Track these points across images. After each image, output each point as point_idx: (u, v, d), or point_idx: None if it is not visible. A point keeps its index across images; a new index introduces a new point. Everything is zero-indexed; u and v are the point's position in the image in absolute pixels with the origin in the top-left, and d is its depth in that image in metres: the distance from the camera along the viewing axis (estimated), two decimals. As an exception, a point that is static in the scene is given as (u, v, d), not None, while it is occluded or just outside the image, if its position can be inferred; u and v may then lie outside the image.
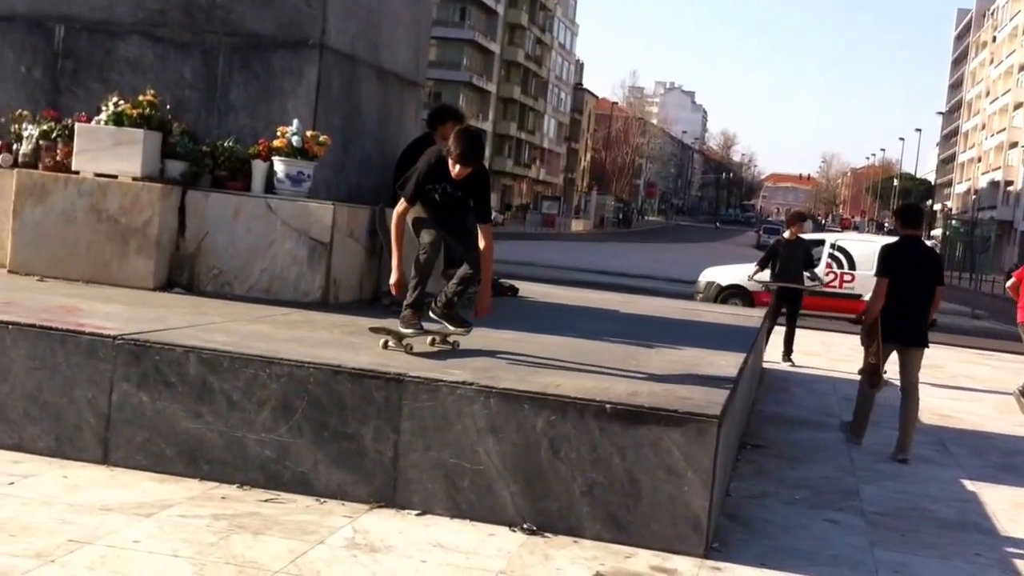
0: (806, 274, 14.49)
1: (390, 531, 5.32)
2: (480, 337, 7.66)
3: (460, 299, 7.04)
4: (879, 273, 8.84)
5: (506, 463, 5.62)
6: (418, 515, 5.60)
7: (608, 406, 5.58)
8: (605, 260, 36.67)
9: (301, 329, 6.91)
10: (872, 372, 8.75)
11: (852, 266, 20.44)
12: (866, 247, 20.24)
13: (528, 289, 12.12)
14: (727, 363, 7.46)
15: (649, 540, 5.45)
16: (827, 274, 19.80)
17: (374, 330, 6.80)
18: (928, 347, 8.89)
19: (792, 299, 14.25)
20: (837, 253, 20.77)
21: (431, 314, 6.89)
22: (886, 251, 8.97)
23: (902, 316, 8.63)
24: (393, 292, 6.86)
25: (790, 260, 14.19)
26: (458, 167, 6.63)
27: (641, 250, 41.84)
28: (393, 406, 5.76)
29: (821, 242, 20.93)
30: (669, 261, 41.33)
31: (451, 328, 6.98)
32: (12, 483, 5.47)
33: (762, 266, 14.55)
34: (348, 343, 6.71)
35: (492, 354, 6.88)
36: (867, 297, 10.34)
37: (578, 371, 6.49)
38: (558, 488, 5.58)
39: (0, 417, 6.05)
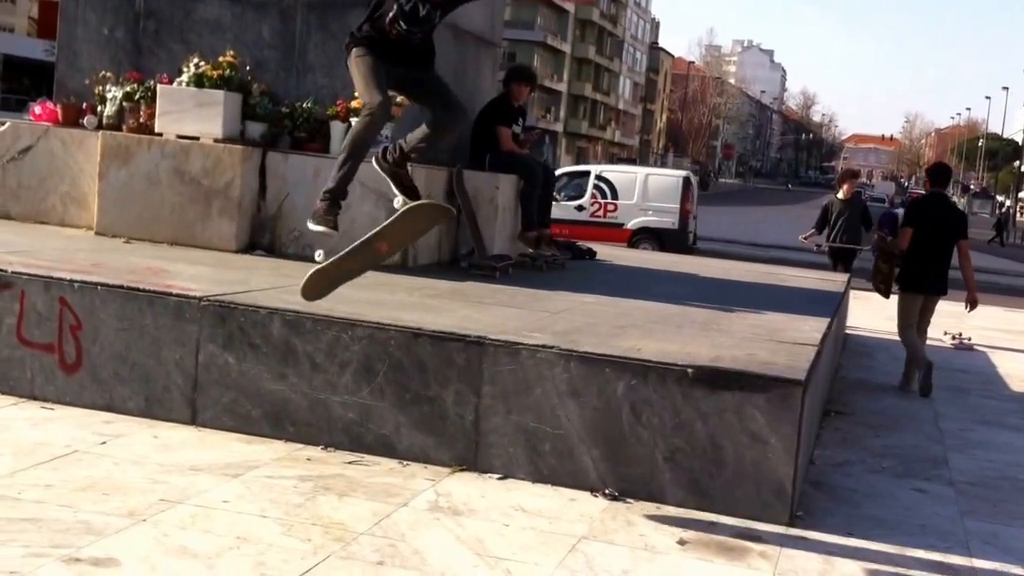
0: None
1: (472, 494, 5.35)
2: (559, 301, 7.66)
3: (416, 155, 5.76)
4: (904, 224, 9.94)
5: (587, 428, 5.61)
6: (500, 479, 5.63)
7: (690, 370, 5.54)
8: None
9: (381, 291, 6.94)
10: (883, 281, 10.15)
11: (615, 196, 21.55)
12: (628, 177, 22.29)
13: (605, 253, 12.07)
14: (811, 328, 7.37)
15: (732, 507, 5.42)
16: (592, 204, 21.30)
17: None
18: (945, 294, 9.88)
19: (847, 260, 13.96)
20: (601, 184, 21.80)
21: (375, 164, 5.72)
22: (912, 205, 10.31)
23: (925, 267, 9.65)
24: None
25: (845, 219, 13.88)
26: None
27: (719, 213, 41.31)
28: (474, 369, 5.77)
29: (586, 173, 22.39)
30: (747, 225, 40.90)
31: (395, 193, 5.73)
32: (104, 443, 5.58)
33: (818, 227, 14.21)
34: (428, 305, 6.73)
35: (572, 318, 6.86)
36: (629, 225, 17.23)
37: (659, 335, 6.45)
38: (640, 453, 5.56)
39: (91, 377, 6.17)
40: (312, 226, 5.58)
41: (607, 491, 5.53)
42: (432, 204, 6.02)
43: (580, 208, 15.20)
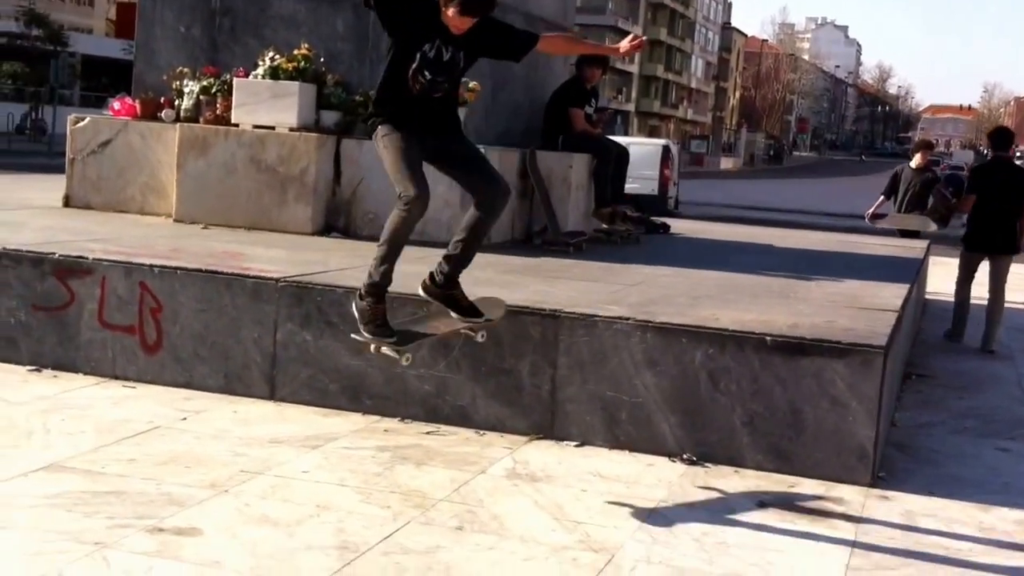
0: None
1: (549, 461, 5.36)
2: (634, 274, 7.63)
3: (465, 264, 5.16)
4: (967, 191, 10.38)
5: (664, 396, 5.59)
6: (577, 446, 5.63)
7: (768, 339, 5.50)
8: (756, 196, 36.07)
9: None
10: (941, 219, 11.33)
11: None
12: None
13: (679, 226, 12.01)
14: (891, 294, 7.27)
15: (813, 470, 5.37)
16: None
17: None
18: (1018, 253, 10.01)
19: (913, 236, 13.61)
20: None
21: (423, 293, 5.17)
22: (975, 171, 10.56)
23: (990, 228, 9.90)
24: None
25: (915, 189, 13.53)
26: (455, 12, 4.79)
27: (793, 185, 40.96)
28: (549, 341, 5.77)
29: None
30: (822, 195, 40.40)
31: (454, 316, 5.11)
32: (185, 418, 5.68)
33: (887, 194, 13.85)
34: (502, 281, 6.74)
35: (647, 290, 6.83)
36: None
37: (735, 304, 6.40)
38: (718, 419, 5.53)
39: (171, 357, 6.28)
40: (367, 337, 4.87)
41: (685, 456, 5.50)
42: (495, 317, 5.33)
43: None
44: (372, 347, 4.90)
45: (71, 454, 5.00)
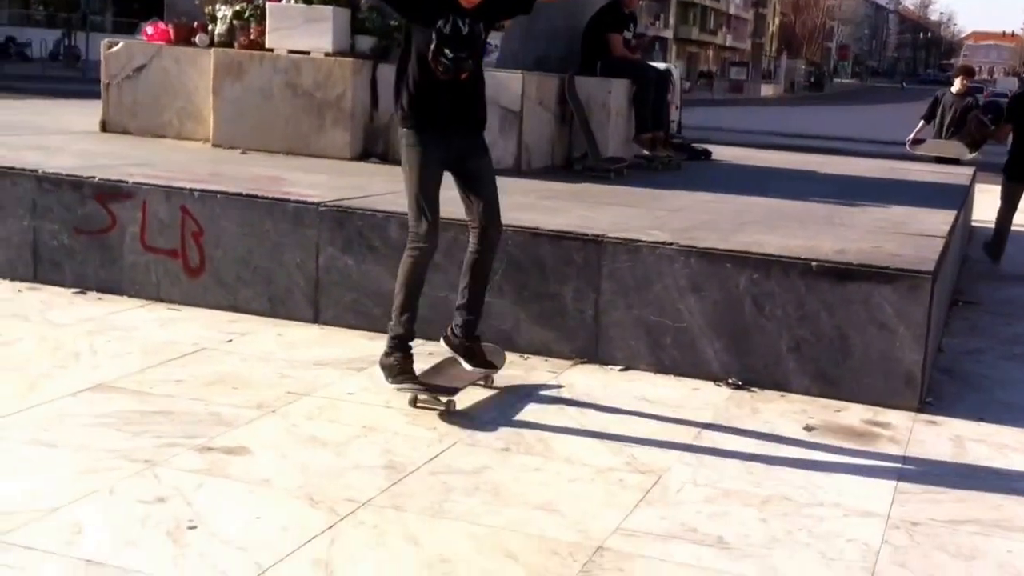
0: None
1: (594, 385, 5.34)
2: (677, 200, 7.56)
3: (478, 308, 5.04)
4: (1005, 120, 10.30)
5: (709, 321, 5.55)
6: (621, 371, 5.61)
7: (814, 264, 5.44)
8: (798, 123, 35.63)
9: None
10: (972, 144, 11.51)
11: None
12: None
13: (721, 153, 11.87)
14: (938, 220, 7.17)
15: (860, 395, 5.33)
16: None
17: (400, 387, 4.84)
18: None
19: (951, 164, 13.35)
20: None
21: (443, 344, 5.07)
22: (1014, 98, 10.40)
23: None
24: None
25: (954, 115, 13.24)
26: None
27: (835, 112, 40.39)
28: (592, 266, 5.74)
29: None
30: (864, 122, 39.89)
31: (469, 369, 5.00)
32: (230, 341, 5.69)
33: (926, 119, 13.54)
34: (544, 207, 6.69)
35: (690, 215, 6.76)
36: None
37: (780, 230, 6.33)
38: (763, 344, 5.49)
39: (216, 281, 6.29)
40: (394, 386, 4.77)
41: (731, 380, 5.48)
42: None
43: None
44: (411, 398, 4.80)
45: (118, 375, 5.04)
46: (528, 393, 5.17)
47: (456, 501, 3.90)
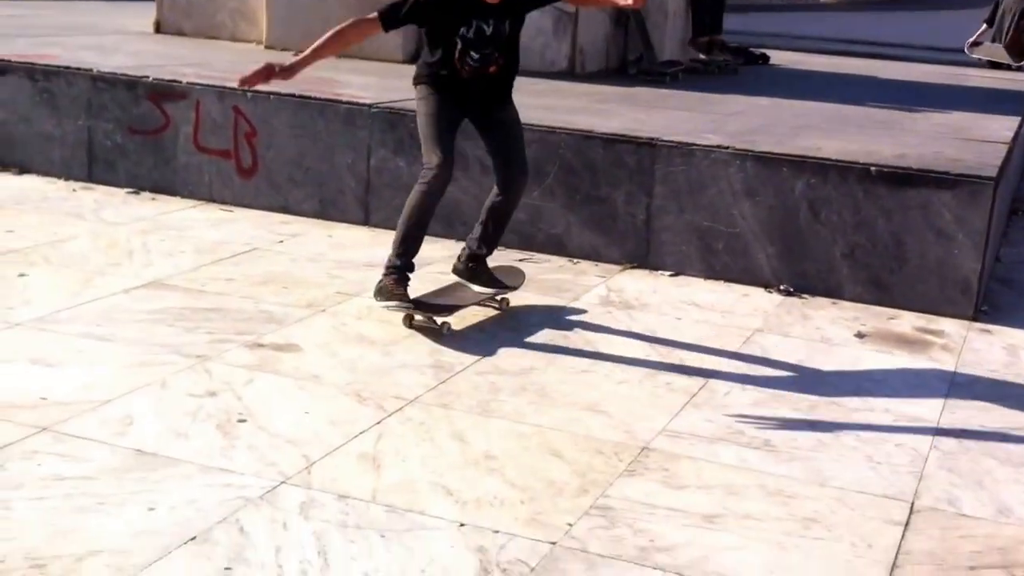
0: None
1: (644, 290, 5.32)
2: (733, 104, 7.45)
3: (491, 250, 4.81)
4: None
5: (762, 226, 5.49)
6: (671, 276, 5.57)
7: (873, 168, 5.34)
8: (858, 29, 34.80)
9: (550, 97, 6.84)
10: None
11: None
12: None
13: (779, 58, 11.63)
14: (1000, 126, 7.01)
15: (913, 302, 5.27)
16: None
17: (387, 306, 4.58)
18: None
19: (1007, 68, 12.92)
20: None
21: (453, 274, 4.87)
22: None
23: None
24: (248, 77, 4.54)
25: (1013, 19, 12.77)
26: None
27: (897, 18, 39.22)
28: (645, 170, 5.67)
29: None
30: (928, 28, 38.86)
31: (476, 290, 4.78)
32: (281, 241, 5.72)
33: (988, 22, 13.07)
34: (597, 110, 6.62)
35: (746, 119, 6.66)
36: None
37: (839, 134, 6.22)
38: (817, 250, 5.42)
39: (266, 181, 6.30)
40: (380, 302, 4.53)
41: (782, 287, 5.43)
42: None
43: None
44: (405, 317, 4.54)
45: (171, 272, 5.08)
46: (577, 297, 5.15)
47: (502, 401, 3.91)
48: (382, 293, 4.53)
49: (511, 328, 4.66)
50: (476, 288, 4.75)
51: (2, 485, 3.10)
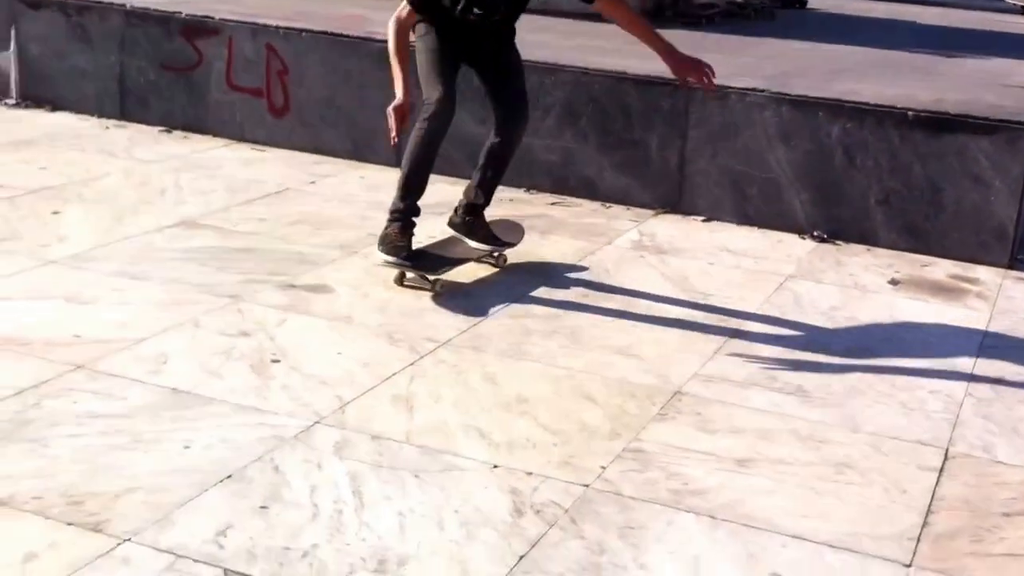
0: None
1: (676, 235, 5.29)
2: (769, 47, 7.36)
3: (489, 198, 4.63)
4: None
5: (797, 171, 5.44)
6: (704, 221, 5.54)
7: (910, 113, 5.28)
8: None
9: (581, 38, 6.78)
10: None
11: None
12: None
13: (816, 2, 11.49)
14: (1041, 72, 6.92)
15: (949, 250, 5.22)
16: None
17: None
18: None
19: None
20: None
21: (448, 227, 4.67)
22: None
23: None
24: (392, 128, 4.28)
25: None
26: None
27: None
28: (679, 113, 5.62)
29: None
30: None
31: (473, 245, 4.59)
32: (313, 182, 5.72)
33: None
34: (631, 52, 6.48)
35: (782, 63, 6.58)
36: None
37: (876, 79, 6.14)
38: (851, 196, 5.37)
39: (298, 121, 6.29)
40: (382, 256, 4.29)
41: (815, 233, 5.39)
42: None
43: None
44: (397, 276, 4.35)
45: (203, 211, 5.09)
46: (609, 241, 5.13)
47: (534, 344, 3.91)
48: (384, 243, 4.29)
49: (543, 272, 4.65)
50: (472, 244, 4.56)
51: (39, 423, 3.13)
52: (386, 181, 5.77)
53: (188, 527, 2.68)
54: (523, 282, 4.51)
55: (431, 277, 4.32)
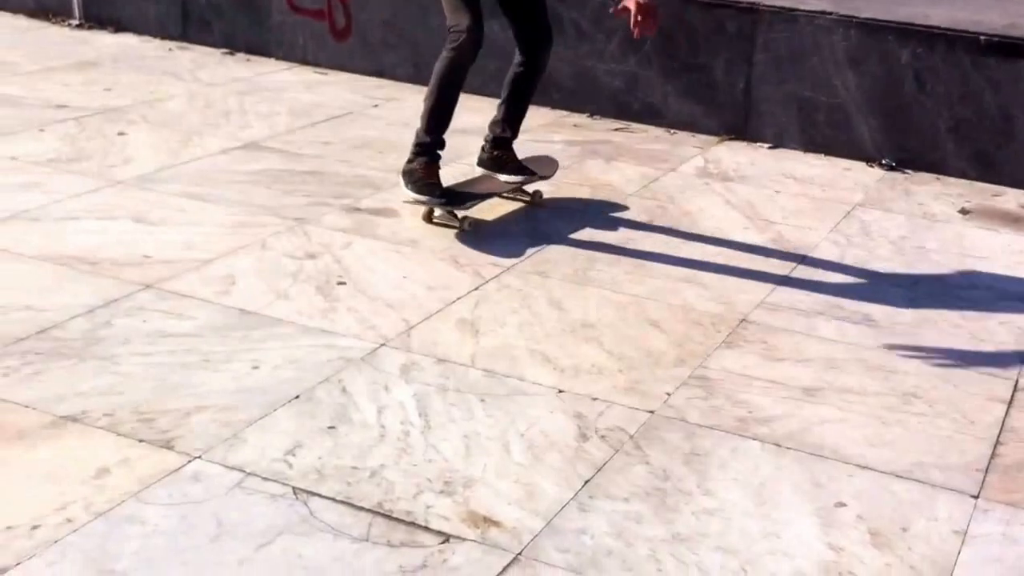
0: None
1: (741, 162, 5.23)
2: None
3: (516, 131, 4.48)
4: None
5: (865, 97, 5.34)
6: (770, 148, 5.46)
7: (982, 38, 5.14)
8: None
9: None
10: None
11: None
12: None
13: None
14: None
15: (1019, 179, 5.11)
16: None
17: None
18: None
19: None
20: None
21: (478, 166, 4.53)
22: None
23: None
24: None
25: None
26: None
27: None
28: (746, 37, 5.52)
29: None
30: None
31: (503, 179, 4.45)
32: (376, 105, 5.71)
33: None
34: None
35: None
36: None
37: (947, 2, 5.96)
38: (921, 123, 5.27)
39: (361, 44, 6.25)
40: (412, 194, 4.12)
41: (884, 161, 5.30)
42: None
43: None
44: (425, 212, 4.20)
45: (268, 134, 5.11)
46: (674, 168, 5.08)
47: (599, 270, 3.90)
48: (411, 179, 4.13)
49: (606, 198, 4.63)
50: (503, 178, 4.43)
51: (110, 341, 3.18)
52: (448, 105, 5.77)
53: (257, 446, 2.72)
54: (587, 208, 4.49)
55: (460, 214, 4.19)
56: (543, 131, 5.47)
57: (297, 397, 2.95)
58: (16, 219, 4.01)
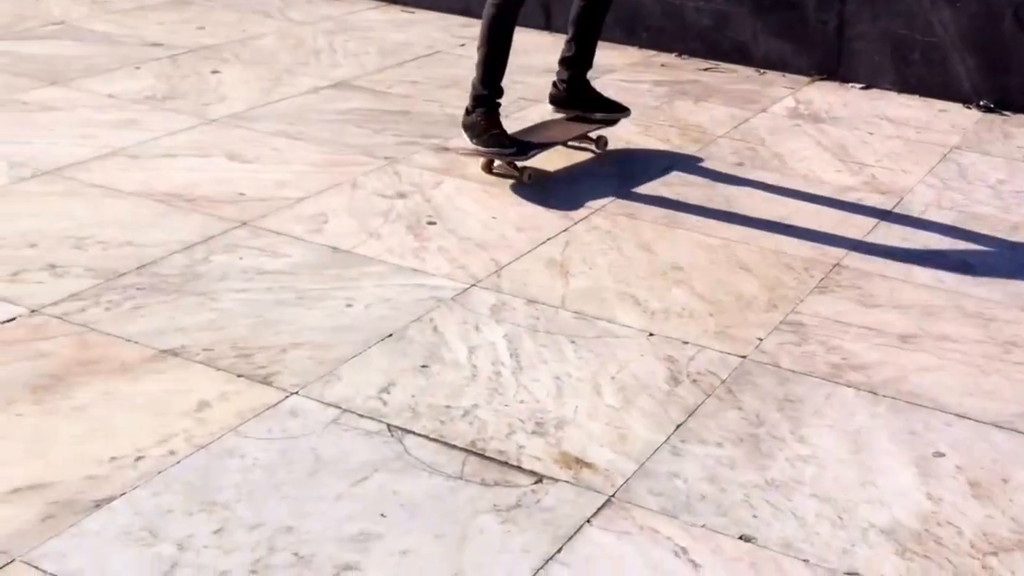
0: None
1: (834, 103, 5.13)
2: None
3: (585, 63, 4.36)
4: None
5: (962, 35, 5.20)
6: (863, 88, 5.36)
7: (1088, -24, 4.99)
8: None
9: None
10: None
11: None
12: None
13: None
14: None
15: (1125, 123, 4.98)
16: None
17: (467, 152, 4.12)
18: None
19: None
20: None
21: (550, 106, 4.43)
22: None
23: None
24: None
25: None
26: None
27: None
28: (839, -26, 5.41)
29: None
30: None
31: (596, 116, 4.37)
32: (463, 44, 5.68)
33: None
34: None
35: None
36: None
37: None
38: (1021, 63, 5.12)
39: (449, -18, 6.23)
40: (478, 147, 3.98)
41: (982, 102, 5.17)
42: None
43: None
44: (484, 163, 4.09)
45: (357, 73, 5.12)
46: (764, 109, 5.01)
47: (689, 213, 3.87)
48: (474, 132, 3.98)
49: (696, 140, 4.58)
50: (596, 116, 4.30)
51: (207, 277, 3.23)
52: (535, 45, 5.73)
53: (352, 383, 2.76)
54: (676, 150, 4.45)
55: (520, 164, 4.04)
56: (630, 71, 5.41)
57: (390, 335, 2.98)
58: (116, 155, 4.08)
